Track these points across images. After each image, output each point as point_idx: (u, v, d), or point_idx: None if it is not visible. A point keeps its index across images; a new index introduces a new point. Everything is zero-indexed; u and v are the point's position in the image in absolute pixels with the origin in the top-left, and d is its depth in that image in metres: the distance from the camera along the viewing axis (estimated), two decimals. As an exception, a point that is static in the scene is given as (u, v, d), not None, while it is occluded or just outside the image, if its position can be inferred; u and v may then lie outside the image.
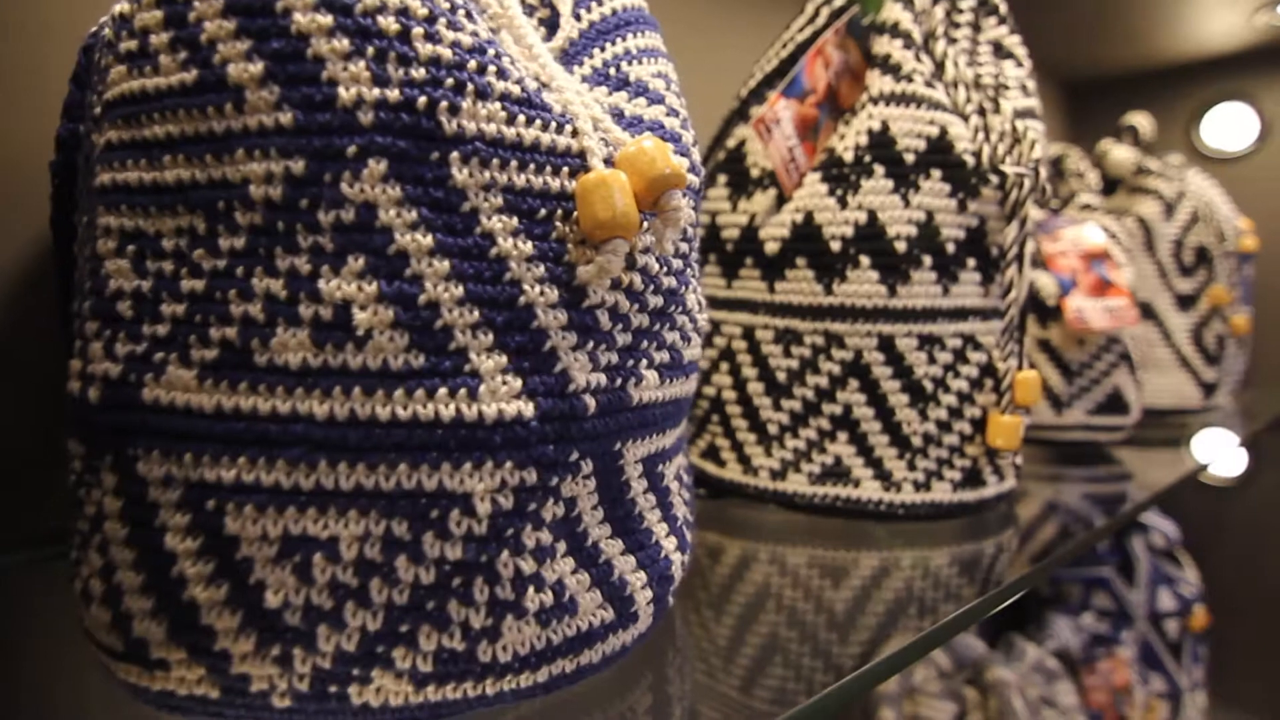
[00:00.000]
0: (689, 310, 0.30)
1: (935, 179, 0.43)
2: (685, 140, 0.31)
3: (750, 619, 0.36)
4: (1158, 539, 1.13)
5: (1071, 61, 1.22)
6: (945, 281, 0.44)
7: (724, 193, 0.48)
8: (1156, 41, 1.12)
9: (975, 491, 0.46)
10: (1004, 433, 0.44)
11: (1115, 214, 0.84)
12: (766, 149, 0.44)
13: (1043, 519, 0.56)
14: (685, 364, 0.30)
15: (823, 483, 0.46)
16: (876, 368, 0.44)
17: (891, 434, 0.45)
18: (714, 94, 0.65)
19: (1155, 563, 1.12)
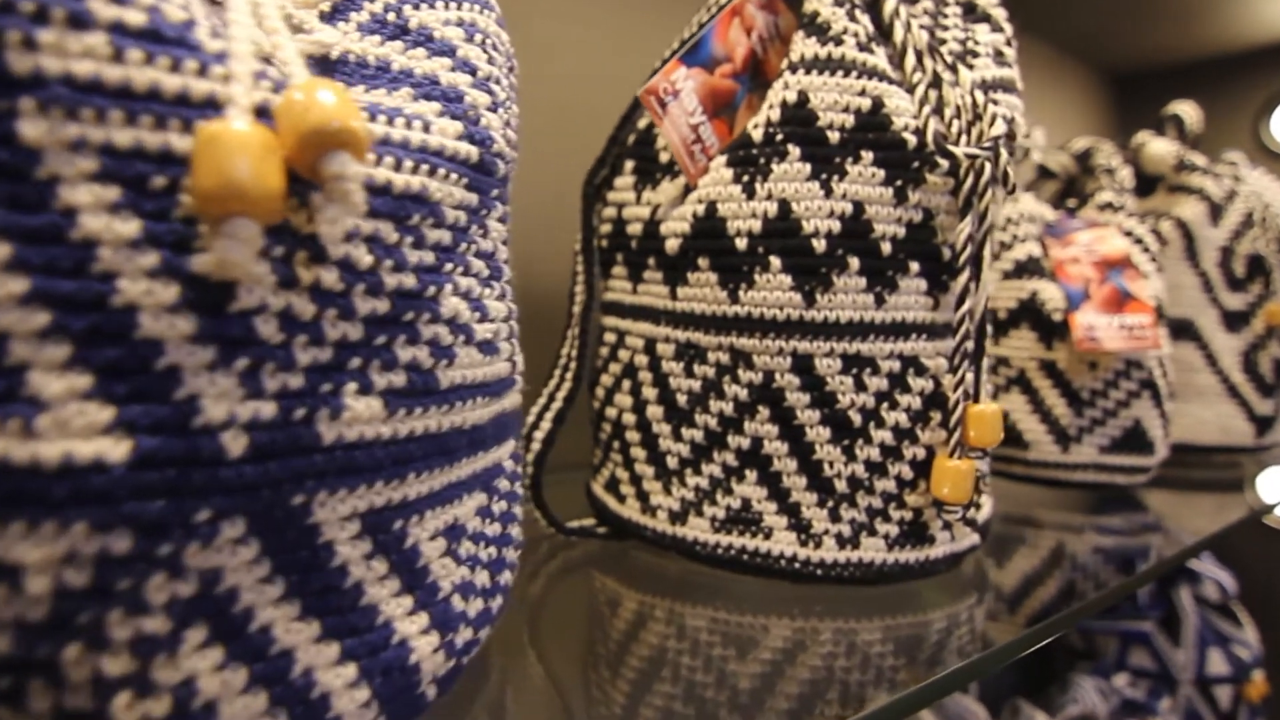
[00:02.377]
0: (454, 319, 0.23)
1: (866, 162, 0.35)
2: (473, 102, 0.24)
3: (641, 690, 0.29)
4: (1210, 591, 1.00)
5: (1118, 50, 1.11)
6: (879, 289, 0.35)
7: (630, 181, 0.41)
8: (1218, 26, 0.99)
9: (918, 550, 0.37)
10: (951, 480, 0.35)
11: (1152, 216, 0.73)
12: (661, 127, 0.36)
13: (1030, 582, 0.46)
14: (447, 389, 0.23)
15: (727, 530, 0.38)
16: (791, 394, 0.36)
17: (810, 475, 0.36)
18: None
19: (1206, 618, 0.98)
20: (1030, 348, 0.57)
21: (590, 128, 0.52)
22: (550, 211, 0.59)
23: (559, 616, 0.39)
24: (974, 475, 0.35)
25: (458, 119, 0.22)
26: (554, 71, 0.63)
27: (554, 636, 0.36)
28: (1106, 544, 0.54)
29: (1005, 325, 0.58)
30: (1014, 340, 0.58)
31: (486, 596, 0.26)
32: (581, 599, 0.41)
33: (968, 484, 0.35)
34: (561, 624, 0.38)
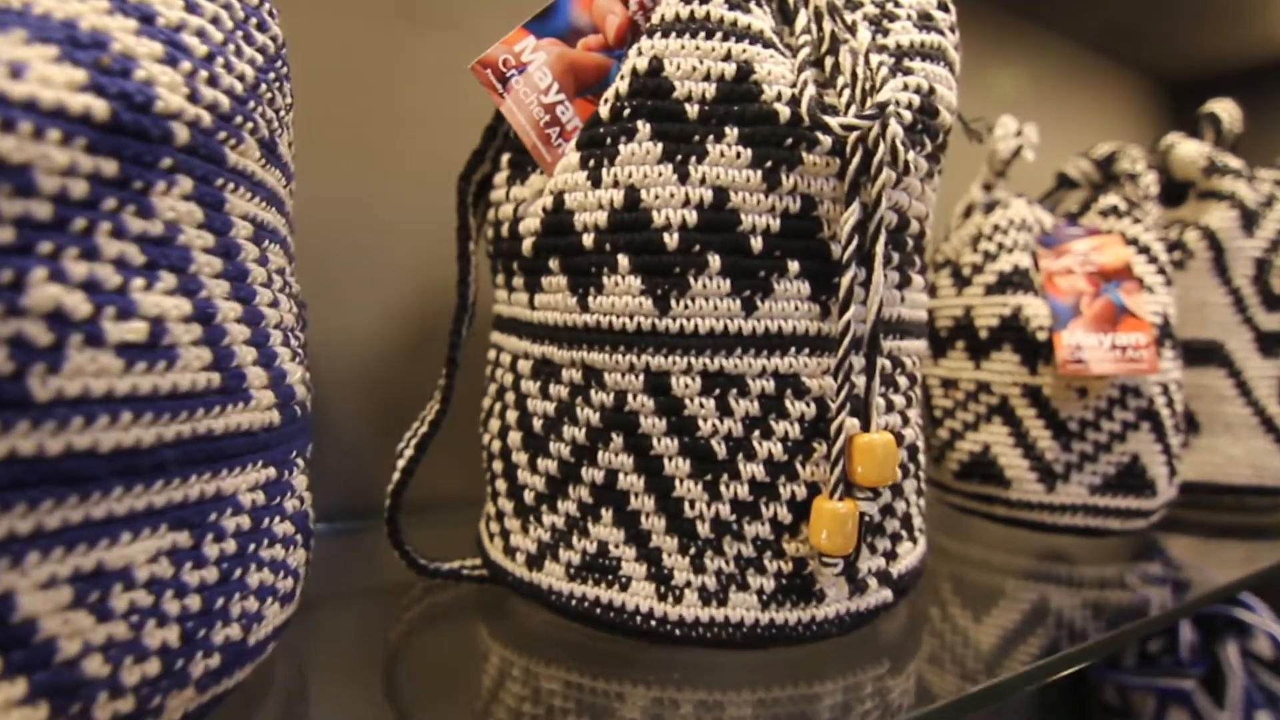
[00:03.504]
0: (56, 313, 0.18)
1: (730, 140, 0.29)
2: (125, 50, 0.19)
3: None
4: (1263, 646, 0.88)
5: (1170, 54, 1.01)
6: (749, 293, 0.30)
7: (504, 176, 0.36)
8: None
9: (801, 609, 0.31)
10: (829, 525, 0.29)
11: (1178, 226, 0.64)
12: (501, 106, 0.31)
13: (986, 643, 0.39)
14: (49, 401, 0.18)
15: (582, 579, 0.32)
16: (646, 419, 0.30)
17: (670, 516, 0.30)
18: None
19: (1255, 676, 0.87)
20: (1013, 371, 0.50)
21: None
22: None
23: (407, 670, 0.34)
24: (857, 520, 0.29)
25: (82, 67, 0.18)
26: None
27: (392, 694, 0.31)
28: (1097, 597, 0.46)
29: (986, 346, 0.51)
30: (995, 363, 0.51)
31: (178, 658, 0.21)
32: (436, 652, 0.36)
33: (848, 530, 0.29)
34: (405, 679, 0.33)
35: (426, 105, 0.52)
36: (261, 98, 0.26)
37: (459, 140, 0.42)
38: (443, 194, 0.48)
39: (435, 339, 0.42)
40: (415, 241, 0.51)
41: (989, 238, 0.52)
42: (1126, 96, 1.12)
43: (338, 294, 0.51)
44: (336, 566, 0.45)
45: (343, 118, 0.51)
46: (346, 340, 0.51)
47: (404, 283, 0.53)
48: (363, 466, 0.45)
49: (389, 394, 0.51)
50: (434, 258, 0.51)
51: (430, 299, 0.53)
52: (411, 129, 0.52)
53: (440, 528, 0.51)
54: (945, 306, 0.54)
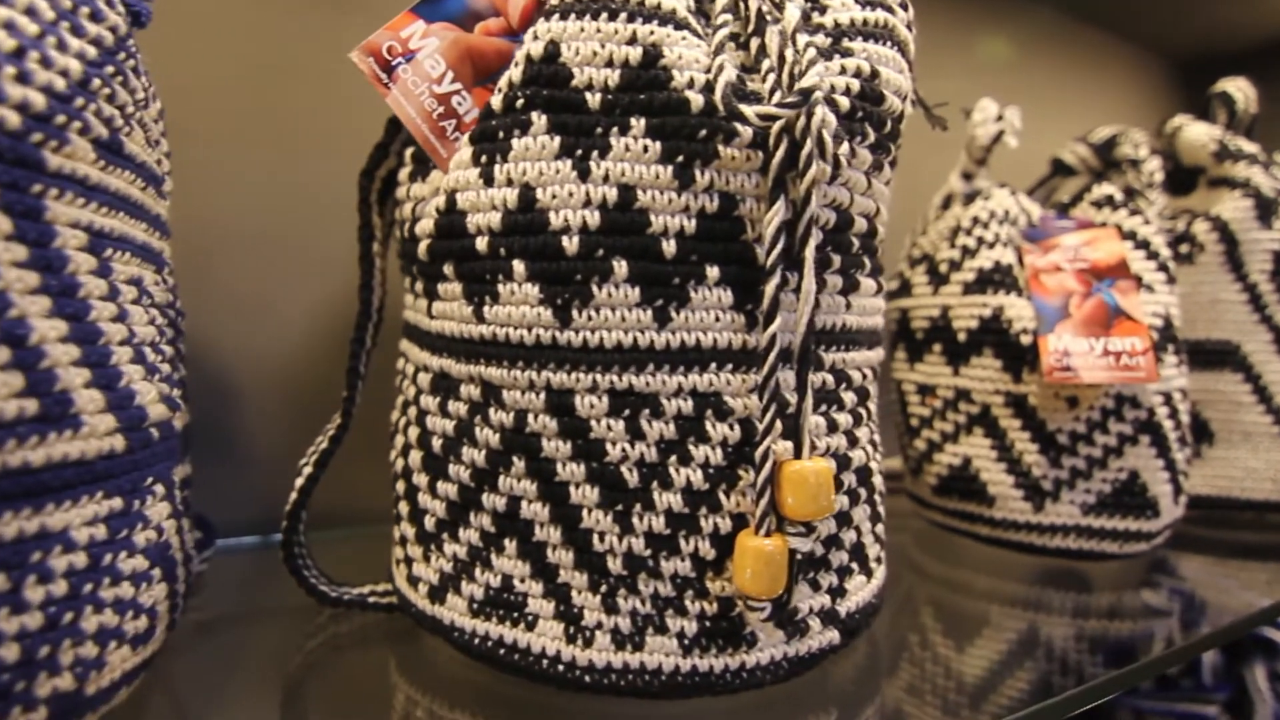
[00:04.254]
0: None
1: (636, 132, 0.26)
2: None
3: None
4: (1294, 669, 0.83)
5: (1181, 32, 0.95)
6: (661, 303, 0.26)
7: (407, 171, 0.33)
8: (1296, -5, 0.84)
9: (729, 654, 0.27)
10: (756, 564, 0.25)
11: (1186, 216, 0.60)
12: (387, 97, 0.29)
13: (965, 684, 0.36)
14: None
15: (486, 615, 0.29)
16: (549, 441, 0.27)
17: (579, 550, 0.27)
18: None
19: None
20: (995, 379, 0.46)
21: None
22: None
23: (302, 706, 0.31)
24: (786, 558, 0.26)
25: None
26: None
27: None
28: (1099, 629, 0.42)
29: (965, 350, 0.47)
30: (975, 369, 0.47)
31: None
32: (337, 685, 0.33)
33: (775, 571, 0.25)
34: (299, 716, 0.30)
35: (350, 96, 0.49)
36: (96, 94, 0.23)
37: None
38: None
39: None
40: (345, 240, 0.48)
41: (968, 231, 0.48)
42: (1130, 75, 1.06)
43: (260, 296, 0.49)
44: (250, 585, 0.43)
45: (261, 111, 0.48)
46: (269, 345, 0.49)
47: (332, 283, 0.50)
48: (286, 477, 0.42)
49: (315, 401, 0.49)
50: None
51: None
52: (336, 121, 0.50)
53: (373, 542, 0.48)
54: (921, 306, 0.50)
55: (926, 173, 0.66)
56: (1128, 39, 1.04)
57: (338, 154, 0.47)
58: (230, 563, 0.46)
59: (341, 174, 0.49)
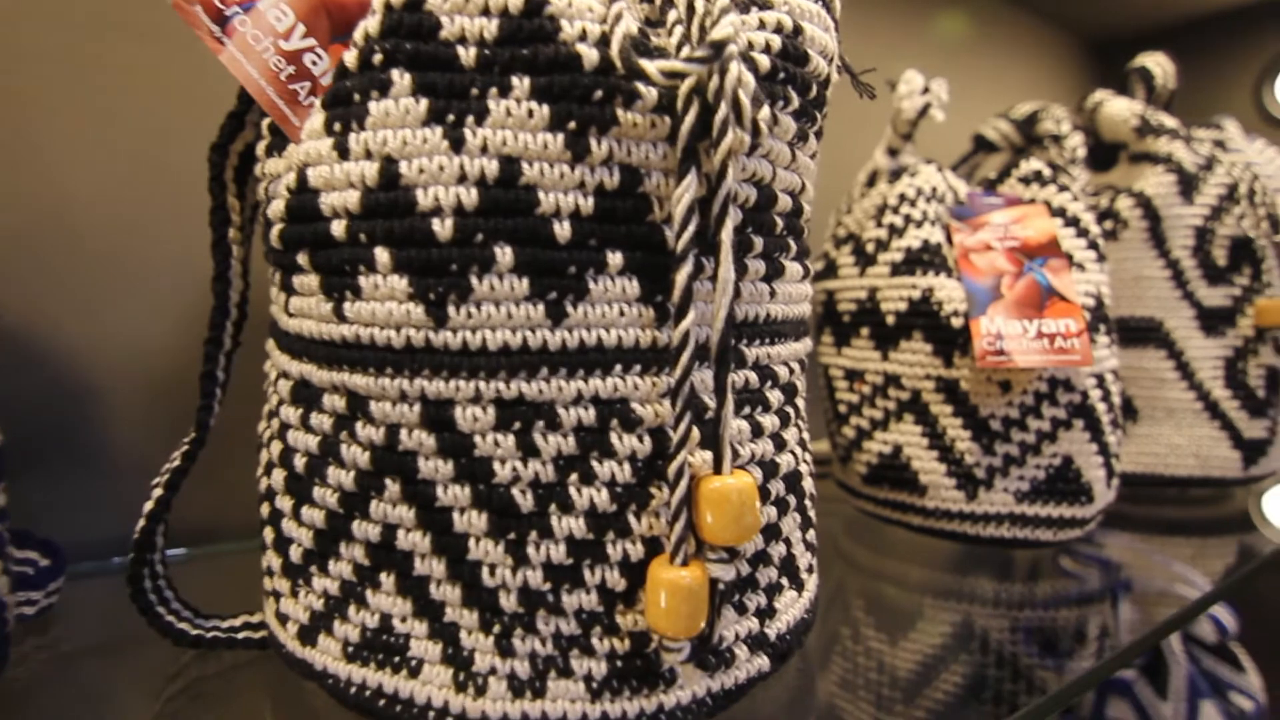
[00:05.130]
0: None
1: (519, 93, 0.22)
2: None
3: None
4: (1205, 631, 0.85)
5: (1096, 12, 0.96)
6: (555, 296, 0.22)
7: (265, 145, 0.28)
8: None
9: (644, 696, 0.24)
10: (672, 598, 0.22)
11: (1109, 192, 0.59)
12: (221, 54, 0.24)
13: (906, 693, 0.34)
14: None
15: (363, 660, 0.25)
16: (426, 460, 0.23)
17: (467, 586, 0.23)
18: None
19: (1199, 664, 0.84)
20: (924, 363, 0.44)
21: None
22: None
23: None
24: (706, 590, 0.22)
25: None
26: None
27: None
28: (1043, 619, 0.40)
29: (894, 334, 0.45)
30: (905, 353, 0.45)
31: None
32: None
33: (694, 606, 0.22)
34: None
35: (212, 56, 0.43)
36: None
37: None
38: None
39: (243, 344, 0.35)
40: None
41: (894, 209, 0.46)
42: (1046, 54, 1.07)
43: (115, 289, 0.43)
44: (111, 615, 0.37)
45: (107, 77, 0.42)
46: (129, 343, 0.43)
47: (203, 277, 0.45)
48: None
49: (185, 405, 0.43)
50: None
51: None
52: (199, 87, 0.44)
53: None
54: (848, 288, 0.47)
55: (852, 148, 0.63)
56: (1042, 18, 1.04)
57: (205, 124, 0.41)
58: (90, 590, 0.41)
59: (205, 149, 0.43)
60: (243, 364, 0.34)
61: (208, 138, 0.29)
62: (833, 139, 0.66)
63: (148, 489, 0.31)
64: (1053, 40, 1.07)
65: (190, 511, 0.46)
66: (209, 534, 0.47)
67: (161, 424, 0.44)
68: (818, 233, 0.57)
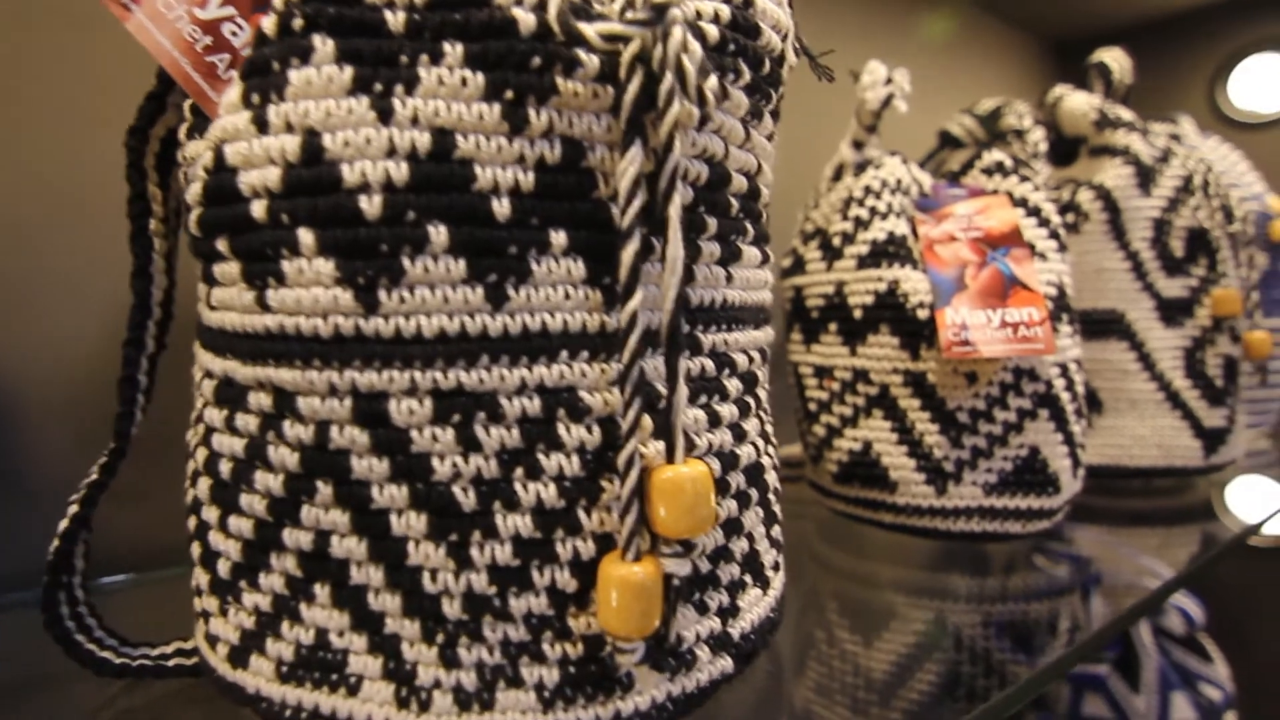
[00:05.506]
0: None
1: (452, 61, 0.20)
2: None
3: None
4: (1174, 623, 0.86)
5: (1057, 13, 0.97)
6: (495, 279, 0.21)
7: (187, 127, 0.26)
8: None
9: (601, 704, 0.22)
10: (624, 596, 0.21)
11: (1071, 185, 0.59)
12: (127, 21, 0.22)
13: (875, 693, 0.33)
14: None
15: (299, 679, 0.23)
16: (359, 459, 0.21)
17: (405, 593, 0.22)
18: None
19: (1170, 656, 0.84)
20: (891, 356, 0.43)
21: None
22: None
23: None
24: (660, 586, 0.21)
25: None
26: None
27: None
28: (1014, 613, 0.39)
29: (861, 328, 0.44)
30: (872, 348, 0.44)
31: None
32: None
33: (646, 604, 0.20)
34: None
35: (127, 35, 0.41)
36: None
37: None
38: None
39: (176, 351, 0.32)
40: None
41: (860, 202, 0.45)
42: (1010, 55, 1.08)
43: (27, 294, 0.40)
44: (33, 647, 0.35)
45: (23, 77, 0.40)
46: (42, 353, 0.41)
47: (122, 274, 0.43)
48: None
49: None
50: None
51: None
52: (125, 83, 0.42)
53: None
54: (815, 283, 0.46)
55: (822, 143, 0.63)
56: (1007, 21, 1.05)
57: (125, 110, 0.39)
58: (11, 622, 0.38)
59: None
60: (185, 370, 0.32)
61: (127, 123, 0.28)
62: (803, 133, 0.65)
63: (65, 510, 0.29)
64: (1016, 41, 1.09)
65: (135, 533, 0.44)
66: (156, 558, 0.44)
67: (71, 443, 0.41)
68: (788, 229, 0.56)
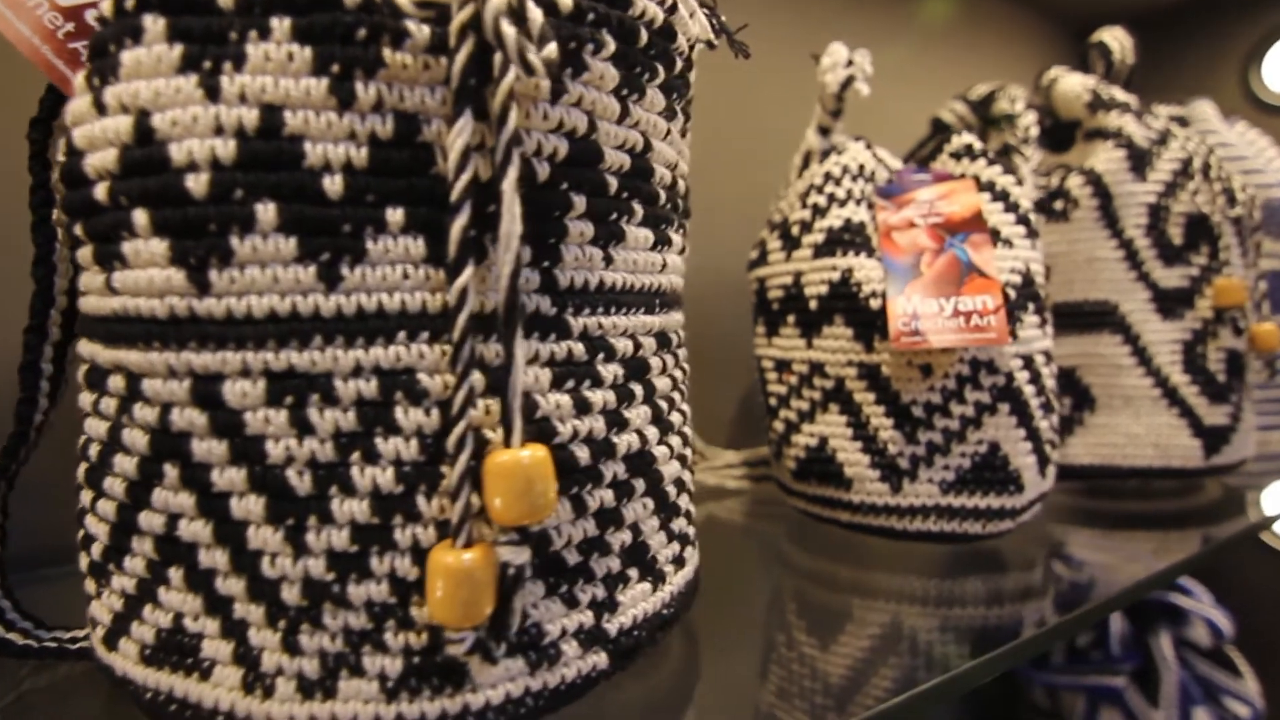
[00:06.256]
0: None
1: (279, 36, 0.20)
2: None
3: None
4: (1200, 634, 0.81)
5: None
6: (328, 257, 0.21)
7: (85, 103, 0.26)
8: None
9: (449, 697, 0.22)
10: (448, 584, 0.20)
11: (1061, 171, 0.56)
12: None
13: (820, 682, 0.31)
14: None
15: (159, 663, 0.23)
16: (199, 441, 0.21)
17: (250, 577, 0.22)
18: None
19: (1193, 669, 0.80)
20: (846, 349, 0.42)
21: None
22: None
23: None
24: (493, 575, 0.20)
25: None
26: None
27: None
28: (967, 617, 0.37)
29: (817, 319, 0.43)
30: (828, 339, 0.42)
31: None
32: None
33: (472, 592, 0.20)
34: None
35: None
36: None
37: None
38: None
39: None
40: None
41: (819, 189, 0.44)
42: (1029, 40, 1.04)
43: None
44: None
45: None
46: None
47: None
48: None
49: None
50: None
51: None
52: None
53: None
54: (776, 274, 0.45)
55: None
56: (1024, 2, 1.01)
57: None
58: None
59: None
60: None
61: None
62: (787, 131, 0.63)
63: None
64: (1035, 25, 1.05)
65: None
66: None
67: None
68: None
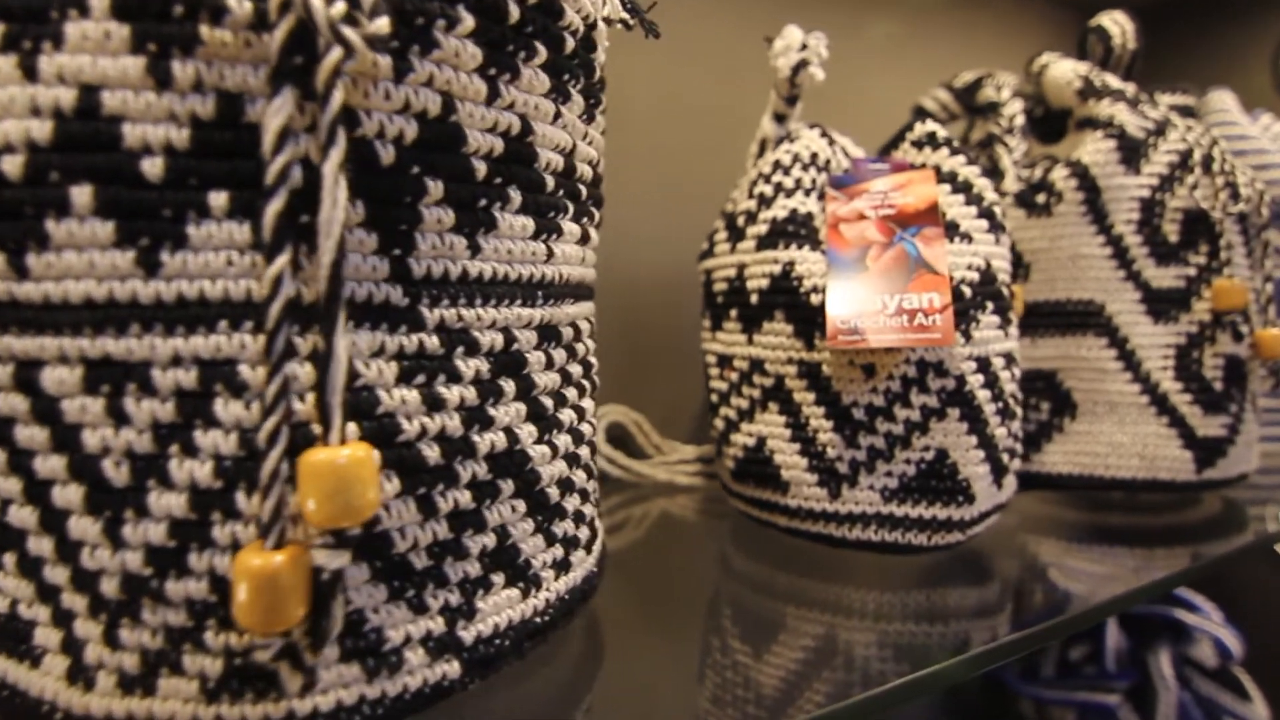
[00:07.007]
0: None
1: (98, 13, 0.19)
2: None
3: None
4: (1204, 653, 0.77)
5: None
6: (147, 242, 0.20)
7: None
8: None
9: (273, 701, 0.21)
10: (249, 588, 0.19)
11: (1045, 163, 0.53)
12: None
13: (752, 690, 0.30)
14: None
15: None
16: (23, 427, 0.21)
17: (74, 567, 0.21)
18: None
19: (1195, 689, 0.76)
20: (786, 346, 0.40)
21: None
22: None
23: None
24: (299, 580, 0.19)
25: None
26: None
27: None
28: (907, 634, 0.36)
29: (758, 314, 0.41)
30: (768, 335, 0.41)
31: None
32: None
33: (275, 598, 0.19)
34: None
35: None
36: None
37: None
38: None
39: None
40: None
41: (767, 178, 0.42)
42: (1036, 29, 0.99)
43: None
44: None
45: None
46: None
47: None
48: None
49: None
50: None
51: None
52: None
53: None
54: (720, 266, 0.44)
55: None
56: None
57: None
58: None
59: None
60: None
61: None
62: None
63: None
64: (1041, 13, 1.00)
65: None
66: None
67: None
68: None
